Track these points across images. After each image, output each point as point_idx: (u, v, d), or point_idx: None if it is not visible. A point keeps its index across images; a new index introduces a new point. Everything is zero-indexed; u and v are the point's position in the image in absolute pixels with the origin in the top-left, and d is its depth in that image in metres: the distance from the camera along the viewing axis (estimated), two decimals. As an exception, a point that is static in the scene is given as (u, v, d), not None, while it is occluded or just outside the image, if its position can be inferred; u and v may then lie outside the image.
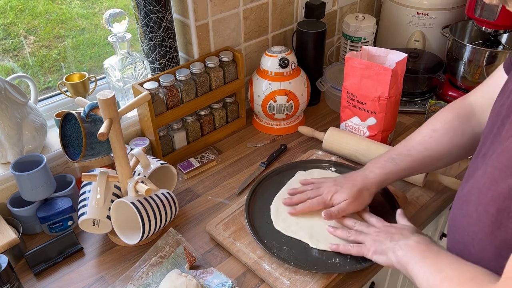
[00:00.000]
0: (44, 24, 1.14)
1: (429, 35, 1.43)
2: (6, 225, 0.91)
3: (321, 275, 0.83)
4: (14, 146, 0.96)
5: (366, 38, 1.38)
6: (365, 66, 1.06)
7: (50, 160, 1.02)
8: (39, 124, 1.01)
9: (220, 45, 1.21)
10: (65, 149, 0.88)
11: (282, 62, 1.16)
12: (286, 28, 1.35)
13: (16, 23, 1.09)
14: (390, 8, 1.47)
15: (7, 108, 0.94)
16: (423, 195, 1.04)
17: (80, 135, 0.89)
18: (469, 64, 1.27)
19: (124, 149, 0.86)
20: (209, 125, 1.23)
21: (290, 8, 1.32)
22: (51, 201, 0.97)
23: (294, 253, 0.86)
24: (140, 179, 0.87)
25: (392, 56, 1.08)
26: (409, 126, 1.28)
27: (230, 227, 0.94)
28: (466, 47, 1.26)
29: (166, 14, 1.07)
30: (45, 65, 1.18)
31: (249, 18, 1.23)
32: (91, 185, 0.92)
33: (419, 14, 1.40)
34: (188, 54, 1.20)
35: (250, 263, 0.87)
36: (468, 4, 1.26)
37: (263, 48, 1.32)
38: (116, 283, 0.84)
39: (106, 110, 0.80)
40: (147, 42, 1.10)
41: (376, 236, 0.80)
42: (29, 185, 0.92)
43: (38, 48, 1.15)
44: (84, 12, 1.20)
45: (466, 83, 1.31)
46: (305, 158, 1.14)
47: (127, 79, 1.11)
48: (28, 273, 0.89)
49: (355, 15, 1.39)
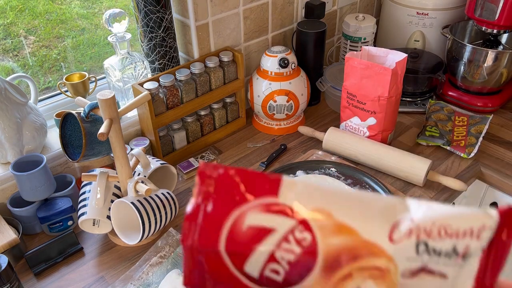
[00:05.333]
0: (44, 24, 1.14)
1: (429, 35, 1.43)
2: (6, 225, 0.91)
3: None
4: (14, 146, 0.96)
5: (366, 38, 1.38)
6: (365, 66, 1.06)
7: (50, 160, 1.02)
8: (39, 124, 1.01)
9: (220, 45, 1.21)
10: (65, 149, 0.88)
11: (282, 62, 1.16)
12: (286, 28, 1.35)
13: (16, 23, 1.09)
14: (390, 8, 1.47)
15: (7, 108, 0.94)
16: (423, 195, 1.04)
17: (80, 135, 0.89)
18: (469, 64, 1.27)
19: (124, 149, 0.86)
20: (209, 125, 1.23)
21: (290, 8, 1.32)
22: (51, 201, 0.97)
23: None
24: (140, 179, 0.87)
25: (392, 56, 1.08)
26: (409, 126, 1.28)
27: (230, 227, 0.94)
28: (466, 47, 1.26)
29: (166, 14, 1.07)
30: (45, 65, 1.18)
31: (249, 18, 1.23)
32: (91, 185, 0.92)
33: (419, 14, 1.40)
34: (188, 54, 1.20)
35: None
36: (468, 4, 1.26)
37: (263, 48, 1.32)
38: (116, 283, 0.84)
39: (106, 110, 0.80)
40: (147, 42, 1.10)
41: None
42: (29, 185, 0.92)
43: (38, 48, 1.15)
44: (84, 12, 1.20)
45: (466, 83, 1.31)
46: (305, 158, 1.14)
47: (127, 79, 1.11)
48: (28, 273, 0.89)
49: (355, 15, 1.39)
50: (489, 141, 1.20)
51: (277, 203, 0.30)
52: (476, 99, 1.30)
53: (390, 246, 0.30)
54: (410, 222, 0.31)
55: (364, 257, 0.30)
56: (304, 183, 0.31)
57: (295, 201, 0.30)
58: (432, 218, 0.31)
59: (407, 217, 0.31)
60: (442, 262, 0.31)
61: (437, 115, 1.24)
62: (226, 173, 0.30)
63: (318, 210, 0.30)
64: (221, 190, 0.30)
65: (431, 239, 0.30)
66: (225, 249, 0.29)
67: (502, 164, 1.13)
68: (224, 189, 0.30)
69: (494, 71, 1.25)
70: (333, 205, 0.30)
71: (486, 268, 0.31)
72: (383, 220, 0.30)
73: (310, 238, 0.29)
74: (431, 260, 0.31)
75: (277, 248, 0.29)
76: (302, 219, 0.30)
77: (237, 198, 0.30)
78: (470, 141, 1.16)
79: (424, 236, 0.30)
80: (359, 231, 0.30)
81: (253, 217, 0.30)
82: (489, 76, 1.26)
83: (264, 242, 0.29)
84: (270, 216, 0.30)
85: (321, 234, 0.30)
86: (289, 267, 0.30)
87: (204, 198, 0.30)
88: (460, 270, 0.31)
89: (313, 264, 0.30)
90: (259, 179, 0.30)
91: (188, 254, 0.30)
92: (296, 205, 0.30)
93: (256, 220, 0.30)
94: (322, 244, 0.30)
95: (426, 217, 0.31)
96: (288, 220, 0.30)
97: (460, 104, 1.32)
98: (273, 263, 0.30)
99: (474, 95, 1.31)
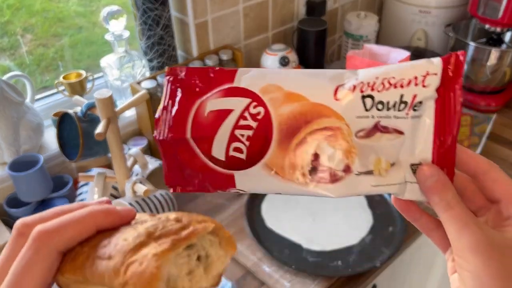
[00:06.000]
0: (42, 23, 1.13)
1: (432, 34, 1.41)
2: (3, 226, 0.90)
3: (322, 278, 0.82)
4: (10, 146, 0.95)
5: (368, 36, 1.36)
6: (366, 64, 1.05)
7: (47, 160, 1.00)
8: (36, 123, 1.00)
9: (219, 43, 1.20)
10: (63, 149, 0.87)
11: (283, 60, 1.15)
12: (286, 26, 1.33)
13: (13, 21, 1.08)
14: (392, 6, 1.45)
15: (3, 107, 0.93)
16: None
17: (77, 135, 0.88)
18: (472, 63, 1.25)
19: (121, 149, 0.85)
20: (209, 124, 1.22)
21: (290, 5, 1.31)
22: (48, 202, 0.96)
23: (295, 256, 0.85)
24: (138, 179, 0.86)
25: (394, 55, 1.06)
26: (411, 125, 1.27)
27: (230, 228, 0.93)
28: (469, 46, 1.25)
29: (165, 11, 1.05)
30: (42, 64, 1.16)
31: (249, 16, 1.22)
32: (88, 185, 0.91)
33: (421, 12, 1.38)
34: (187, 53, 1.19)
35: (250, 265, 0.85)
36: (471, 2, 1.25)
37: (263, 46, 1.30)
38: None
39: (104, 109, 0.79)
40: (145, 40, 1.09)
41: None
42: (26, 186, 0.91)
43: (35, 46, 1.13)
44: (81, 10, 1.19)
45: (469, 82, 1.29)
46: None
47: (125, 78, 1.10)
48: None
49: (356, 13, 1.38)
50: (492, 141, 1.18)
51: (232, 87, 0.32)
52: (479, 99, 1.29)
53: (336, 103, 0.32)
54: (354, 81, 0.32)
55: (314, 119, 0.31)
56: (258, 69, 0.33)
57: (248, 82, 0.32)
58: (375, 73, 0.32)
59: (353, 78, 0.32)
60: (393, 115, 0.31)
61: (440, 115, 1.23)
62: (188, 72, 0.33)
63: (269, 86, 0.32)
64: (184, 88, 0.33)
65: (376, 92, 0.31)
66: (191, 136, 0.32)
67: (506, 164, 1.12)
68: (187, 86, 0.33)
69: (497, 70, 1.23)
70: (283, 80, 0.32)
71: (443, 121, 0.31)
72: (330, 85, 0.32)
73: (263, 110, 0.32)
74: (381, 114, 0.31)
75: (236, 126, 0.32)
76: (255, 96, 0.32)
77: (197, 90, 0.33)
78: (473, 141, 1.14)
79: (368, 89, 0.31)
80: (307, 97, 0.32)
81: (213, 103, 0.32)
82: (492, 75, 1.25)
83: (224, 123, 0.32)
84: (227, 99, 0.32)
85: (272, 105, 0.31)
86: (250, 143, 0.32)
87: (169, 98, 0.33)
88: (416, 125, 0.32)
89: (270, 135, 0.32)
90: (217, 73, 0.33)
91: (162, 150, 0.32)
92: (250, 85, 0.32)
93: (215, 105, 0.32)
94: (275, 114, 0.31)
95: (369, 73, 0.32)
96: (243, 99, 0.32)
97: (463, 103, 1.30)
98: (235, 142, 0.32)
99: (477, 94, 1.30)
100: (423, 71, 0.31)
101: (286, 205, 0.96)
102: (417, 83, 0.31)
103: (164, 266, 0.25)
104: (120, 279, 0.25)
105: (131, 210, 0.29)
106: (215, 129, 0.32)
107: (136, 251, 0.25)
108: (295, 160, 0.32)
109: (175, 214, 0.28)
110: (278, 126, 0.31)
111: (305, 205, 0.96)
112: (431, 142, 0.32)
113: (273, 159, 0.32)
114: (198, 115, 0.32)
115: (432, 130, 0.32)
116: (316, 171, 0.32)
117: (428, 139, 0.32)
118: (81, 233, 0.27)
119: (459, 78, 0.31)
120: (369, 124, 0.32)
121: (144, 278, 0.24)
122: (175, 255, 0.26)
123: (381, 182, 0.32)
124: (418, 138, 0.32)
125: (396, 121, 0.32)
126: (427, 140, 0.32)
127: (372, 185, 0.32)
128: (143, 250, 0.25)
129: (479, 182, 0.32)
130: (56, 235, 0.26)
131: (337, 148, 0.32)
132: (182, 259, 0.27)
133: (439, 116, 0.32)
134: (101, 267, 0.26)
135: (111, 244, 0.27)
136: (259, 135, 0.32)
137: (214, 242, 0.29)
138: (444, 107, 0.32)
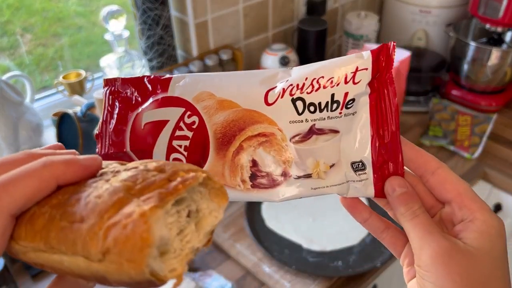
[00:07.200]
0: (41, 22, 1.12)
1: (432, 33, 1.41)
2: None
3: (322, 278, 0.82)
4: (10, 145, 0.95)
5: (368, 36, 1.36)
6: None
7: (46, 160, 1.00)
8: (36, 123, 1.00)
9: (219, 43, 1.19)
10: (62, 149, 0.87)
11: (283, 60, 1.15)
12: (286, 25, 1.33)
13: (12, 21, 1.08)
14: (392, 5, 1.45)
15: (3, 107, 0.92)
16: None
17: (77, 135, 0.88)
18: (473, 63, 1.25)
19: (121, 149, 0.85)
20: (209, 124, 1.21)
21: (290, 5, 1.30)
22: (48, 202, 0.96)
23: (295, 256, 0.85)
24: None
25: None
26: (412, 125, 1.26)
27: (230, 228, 0.93)
28: (469, 46, 1.25)
29: (165, 11, 1.05)
30: (42, 64, 1.16)
31: (249, 15, 1.22)
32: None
33: (422, 12, 1.38)
34: (187, 52, 1.19)
35: (250, 266, 0.85)
36: (472, 2, 1.24)
37: (263, 46, 1.30)
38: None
39: (103, 109, 0.79)
40: (145, 40, 1.09)
41: None
42: (25, 186, 0.90)
43: (35, 46, 1.13)
44: (81, 10, 1.18)
45: (469, 82, 1.29)
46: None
47: (125, 77, 1.10)
48: (25, 275, 0.88)
49: (357, 12, 1.38)
50: (493, 141, 1.18)
51: (166, 97, 0.32)
52: (480, 98, 1.29)
53: (268, 109, 0.31)
54: (285, 83, 0.31)
55: (248, 126, 0.31)
56: (191, 75, 0.33)
57: (181, 90, 0.32)
58: (305, 74, 0.31)
59: (284, 80, 0.31)
60: (327, 116, 0.31)
61: (441, 115, 1.22)
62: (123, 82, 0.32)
63: (201, 94, 0.31)
64: (121, 100, 0.32)
65: (306, 94, 0.31)
66: (131, 149, 0.31)
67: (506, 164, 1.11)
68: (123, 98, 0.32)
69: (498, 70, 1.23)
70: (215, 87, 0.32)
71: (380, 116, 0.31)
72: (261, 89, 0.31)
73: (198, 119, 0.31)
74: (315, 117, 0.31)
75: (173, 137, 0.31)
76: (188, 105, 0.31)
77: (133, 102, 0.32)
78: (473, 141, 1.14)
79: (297, 91, 0.31)
80: (239, 103, 0.31)
81: (148, 114, 0.32)
82: (493, 75, 1.24)
83: (161, 134, 0.31)
84: (162, 110, 0.31)
85: (206, 113, 0.31)
86: (188, 153, 0.31)
87: (108, 112, 0.32)
88: (352, 122, 0.31)
89: (207, 144, 0.31)
90: (152, 82, 0.32)
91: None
92: (183, 94, 0.31)
93: (151, 116, 0.32)
94: (209, 123, 0.31)
95: (299, 74, 0.31)
96: (177, 109, 0.31)
97: (464, 103, 1.30)
98: (174, 153, 0.31)
99: (478, 94, 1.30)
100: (352, 67, 0.31)
101: (286, 205, 0.96)
102: (347, 81, 0.31)
103: (154, 228, 0.20)
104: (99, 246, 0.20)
105: (95, 158, 0.24)
106: (153, 141, 0.32)
107: (115, 211, 0.20)
108: (235, 168, 0.32)
109: (155, 162, 0.23)
110: (213, 135, 0.31)
111: (305, 205, 0.95)
112: (369, 138, 0.31)
113: (213, 168, 0.32)
114: (135, 128, 0.32)
115: (368, 126, 0.31)
116: (256, 177, 0.32)
117: (366, 135, 0.31)
118: (38, 190, 0.22)
119: (390, 69, 0.30)
120: (304, 129, 0.31)
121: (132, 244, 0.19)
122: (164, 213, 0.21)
123: (320, 184, 0.32)
124: (356, 135, 0.31)
125: (331, 121, 0.31)
126: (364, 136, 0.31)
127: (312, 188, 0.32)
128: (124, 209, 0.20)
129: (427, 182, 0.32)
130: (5, 195, 0.21)
131: (272, 154, 0.31)
132: (171, 217, 0.22)
133: (374, 111, 0.31)
134: (70, 232, 0.21)
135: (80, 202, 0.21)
136: (196, 145, 0.31)
137: (205, 194, 0.24)
138: (380, 101, 0.31)
